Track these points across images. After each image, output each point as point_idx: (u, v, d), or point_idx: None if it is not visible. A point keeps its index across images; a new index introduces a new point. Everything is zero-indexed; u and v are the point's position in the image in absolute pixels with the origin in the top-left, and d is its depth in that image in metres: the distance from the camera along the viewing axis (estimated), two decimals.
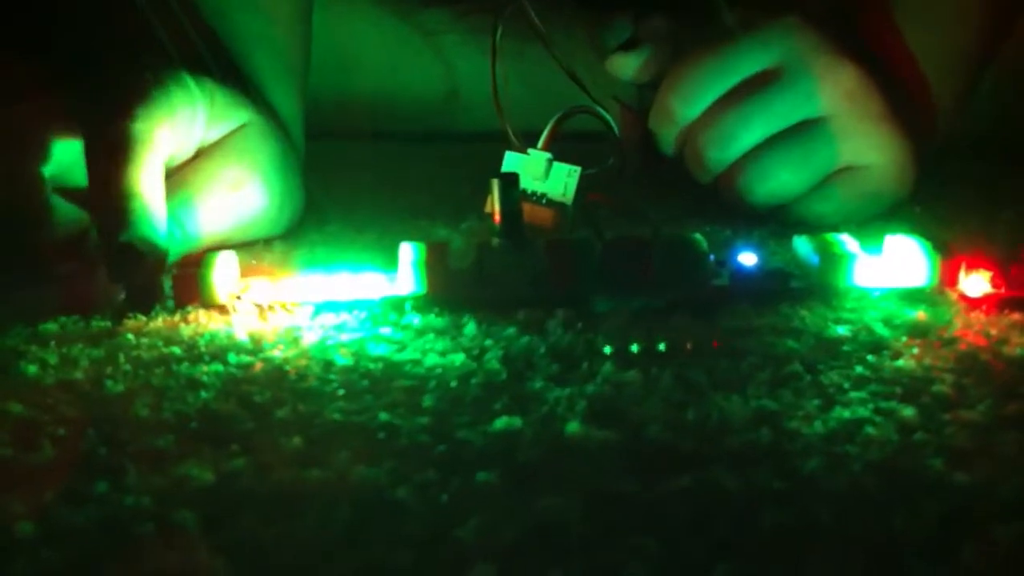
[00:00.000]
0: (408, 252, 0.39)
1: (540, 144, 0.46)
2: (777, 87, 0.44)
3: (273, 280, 0.39)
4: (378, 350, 0.35)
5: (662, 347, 0.35)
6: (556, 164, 0.46)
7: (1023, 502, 0.25)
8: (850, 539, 0.24)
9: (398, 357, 0.34)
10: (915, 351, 0.34)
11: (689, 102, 0.46)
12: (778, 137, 0.45)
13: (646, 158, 0.49)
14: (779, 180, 0.45)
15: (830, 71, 0.45)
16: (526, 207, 0.44)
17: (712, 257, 0.39)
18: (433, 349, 0.35)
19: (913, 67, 0.47)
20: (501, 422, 0.30)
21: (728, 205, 0.47)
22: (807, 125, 0.45)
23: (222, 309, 0.38)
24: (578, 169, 0.46)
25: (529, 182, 0.45)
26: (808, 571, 0.23)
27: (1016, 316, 0.37)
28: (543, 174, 0.45)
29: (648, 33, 0.49)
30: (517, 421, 0.30)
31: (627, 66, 0.49)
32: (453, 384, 0.32)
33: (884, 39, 0.47)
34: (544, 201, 0.46)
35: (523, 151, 0.46)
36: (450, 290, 0.38)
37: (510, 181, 0.40)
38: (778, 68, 0.45)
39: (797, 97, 0.44)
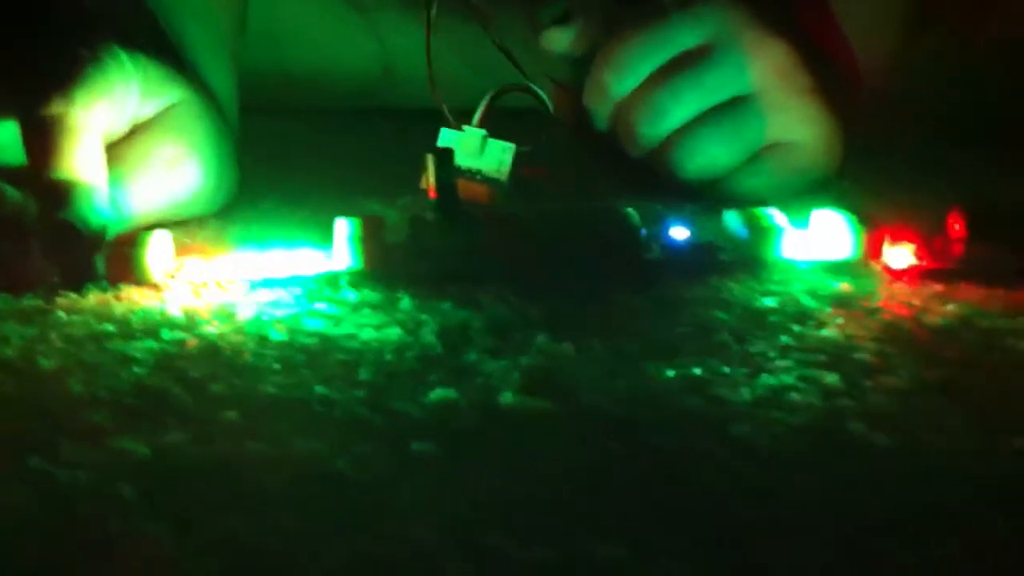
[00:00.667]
0: (344, 227, 0.39)
1: (475, 121, 0.46)
2: (708, 63, 0.45)
3: (207, 258, 0.39)
4: (314, 325, 0.35)
5: None
6: (491, 141, 0.46)
7: (941, 463, 0.27)
8: (773, 492, 0.25)
9: (334, 332, 0.34)
10: (839, 321, 0.35)
11: (622, 77, 0.46)
12: (709, 113, 0.45)
13: (580, 135, 0.49)
14: (710, 155, 0.46)
15: (760, 47, 0.46)
16: (461, 184, 0.44)
17: (644, 231, 0.40)
18: (369, 324, 0.35)
19: (842, 42, 0.48)
20: (436, 393, 0.30)
21: (661, 179, 0.47)
22: (738, 101, 0.46)
23: (156, 287, 0.38)
24: (512, 146, 0.46)
25: (464, 159, 0.46)
26: (738, 520, 0.24)
27: (938, 287, 0.38)
28: (478, 151, 0.46)
29: (580, 7, 0.49)
30: (452, 392, 0.30)
31: (560, 40, 0.49)
32: (389, 357, 0.32)
33: (814, 15, 0.49)
34: (479, 177, 0.46)
35: (458, 128, 0.46)
36: (386, 265, 0.38)
37: (445, 155, 0.40)
38: (710, 44, 0.46)
39: (728, 72, 0.45)
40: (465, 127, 0.46)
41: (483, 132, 0.46)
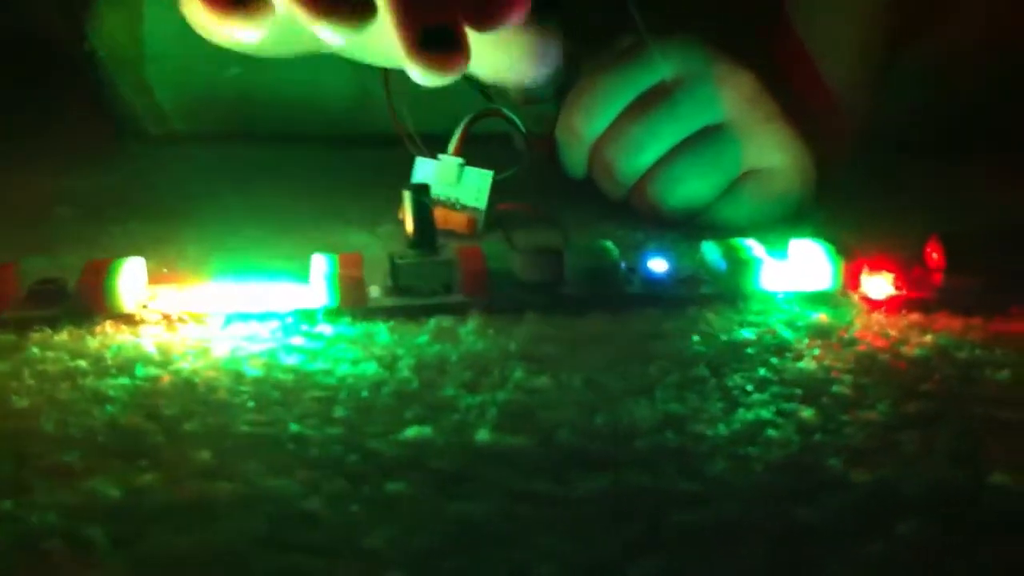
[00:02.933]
0: (321, 264, 0.39)
1: (450, 149, 0.46)
2: (679, 95, 0.45)
3: (181, 288, 0.38)
4: (289, 360, 0.34)
5: None
6: (468, 169, 0.46)
7: (921, 498, 0.26)
8: (753, 534, 0.25)
9: (309, 367, 0.34)
10: (816, 352, 0.35)
11: (594, 117, 0.47)
12: (684, 145, 0.46)
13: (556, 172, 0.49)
14: (689, 186, 0.46)
15: (728, 77, 0.46)
16: (440, 212, 0.44)
17: (623, 265, 0.40)
18: (345, 358, 0.35)
19: (812, 72, 0.49)
20: (412, 431, 0.30)
21: (643, 217, 0.48)
22: (711, 132, 0.46)
23: (129, 319, 0.37)
24: (490, 173, 0.46)
25: (441, 188, 0.46)
26: (716, 564, 0.24)
27: (915, 316, 0.38)
28: (455, 179, 0.46)
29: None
30: (428, 430, 0.30)
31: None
32: (364, 394, 0.32)
33: (782, 45, 0.49)
34: (458, 207, 0.46)
35: (433, 157, 0.46)
36: (363, 302, 0.38)
37: (421, 191, 0.40)
38: (678, 79, 0.46)
39: (699, 102, 0.46)
40: (441, 156, 0.46)
41: (460, 160, 0.46)
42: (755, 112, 0.46)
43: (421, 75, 0.35)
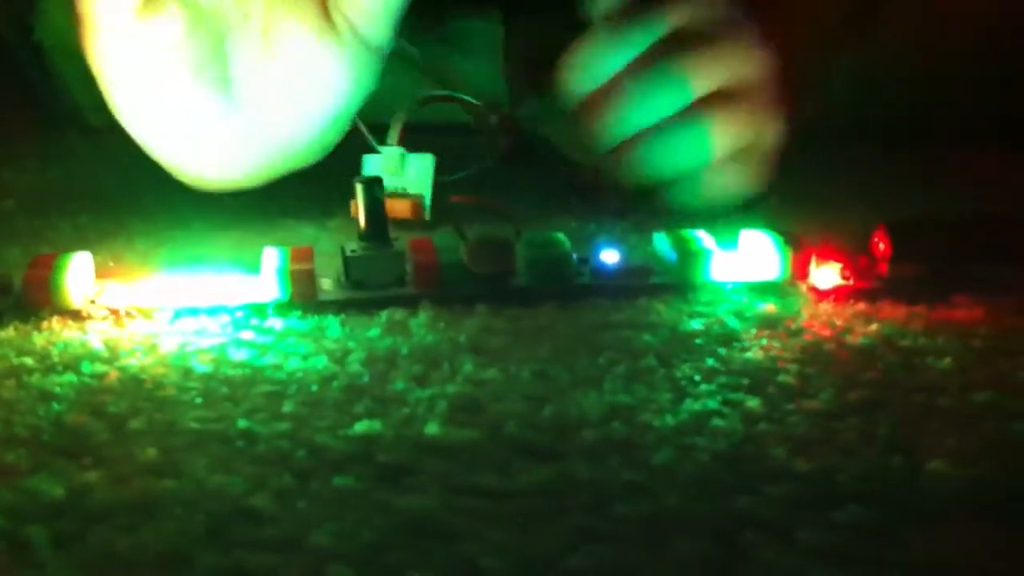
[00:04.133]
0: (272, 257, 0.39)
1: (391, 139, 0.46)
2: (675, 60, 0.45)
3: (129, 282, 0.38)
4: (239, 355, 0.34)
5: None
6: (409, 156, 0.46)
7: (859, 485, 0.27)
8: (693, 523, 0.25)
9: (259, 362, 0.34)
10: (763, 342, 0.35)
11: (584, 78, 0.46)
12: (684, 113, 0.45)
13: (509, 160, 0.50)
14: (675, 157, 0.46)
15: (753, 49, 0.46)
16: (387, 203, 0.44)
17: (575, 256, 0.40)
18: (295, 353, 0.35)
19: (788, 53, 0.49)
20: (361, 425, 0.30)
21: (603, 190, 0.47)
22: (698, 105, 0.46)
23: (76, 314, 0.37)
24: (431, 156, 0.46)
25: (387, 178, 0.46)
26: (655, 553, 0.24)
27: (861, 306, 0.39)
28: (399, 168, 0.46)
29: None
30: (377, 424, 0.30)
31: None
32: (314, 388, 0.32)
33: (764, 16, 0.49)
34: (402, 192, 0.46)
35: (375, 150, 0.46)
36: (314, 295, 0.38)
37: (373, 184, 0.40)
38: (697, 27, 0.46)
39: (693, 71, 0.45)
40: (382, 148, 0.46)
41: (400, 150, 0.46)
42: (764, 92, 0.46)
43: None
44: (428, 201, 0.47)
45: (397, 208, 0.46)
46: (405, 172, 0.46)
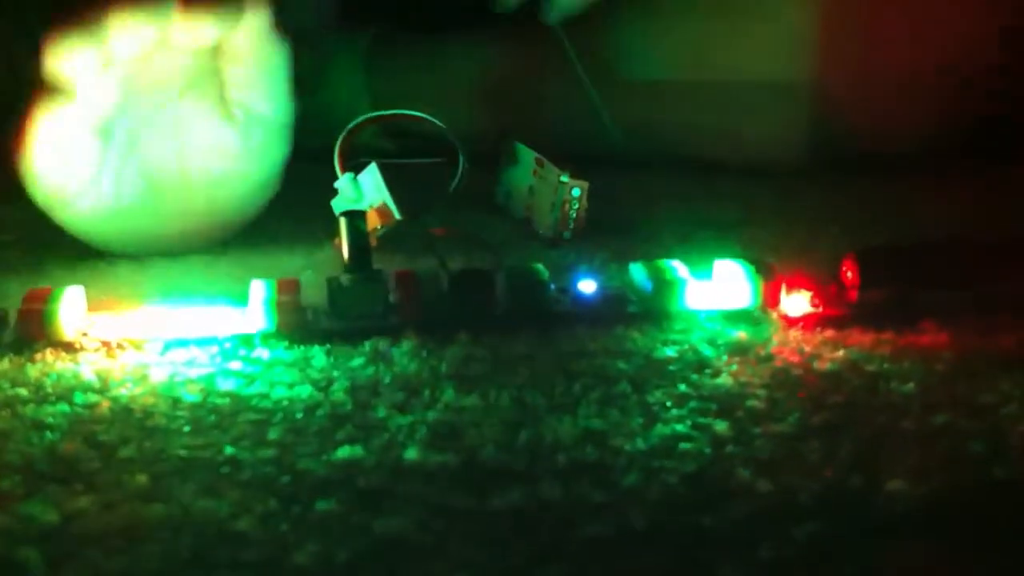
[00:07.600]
0: (259, 289, 0.40)
1: (337, 170, 0.48)
2: None
3: (120, 315, 0.39)
4: (226, 385, 0.36)
5: None
6: (358, 177, 0.48)
7: (818, 504, 0.28)
8: (657, 541, 0.26)
9: (246, 391, 0.35)
10: (734, 368, 0.37)
11: None
12: None
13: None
14: None
15: None
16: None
17: (552, 286, 0.41)
18: (281, 382, 0.36)
19: None
20: (343, 451, 0.31)
21: None
22: None
23: (69, 346, 0.38)
24: (374, 162, 0.47)
25: (356, 204, 0.47)
26: (618, 570, 0.25)
27: (830, 332, 0.40)
28: (356, 192, 0.47)
29: None
30: (359, 449, 0.31)
31: None
32: (299, 416, 0.33)
33: None
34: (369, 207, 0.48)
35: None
36: (301, 326, 0.39)
37: (356, 217, 0.41)
38: None
39: None
40: (336, 184, 0.48)
41: (350, 175, 0.48)
42: None
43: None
44: (390, 201, 0.48)
45: (371, 221, 0.47)
46: (362, 190, 0.48)
